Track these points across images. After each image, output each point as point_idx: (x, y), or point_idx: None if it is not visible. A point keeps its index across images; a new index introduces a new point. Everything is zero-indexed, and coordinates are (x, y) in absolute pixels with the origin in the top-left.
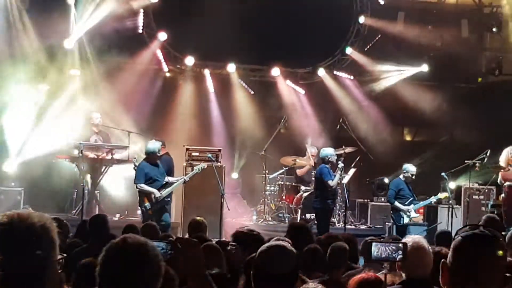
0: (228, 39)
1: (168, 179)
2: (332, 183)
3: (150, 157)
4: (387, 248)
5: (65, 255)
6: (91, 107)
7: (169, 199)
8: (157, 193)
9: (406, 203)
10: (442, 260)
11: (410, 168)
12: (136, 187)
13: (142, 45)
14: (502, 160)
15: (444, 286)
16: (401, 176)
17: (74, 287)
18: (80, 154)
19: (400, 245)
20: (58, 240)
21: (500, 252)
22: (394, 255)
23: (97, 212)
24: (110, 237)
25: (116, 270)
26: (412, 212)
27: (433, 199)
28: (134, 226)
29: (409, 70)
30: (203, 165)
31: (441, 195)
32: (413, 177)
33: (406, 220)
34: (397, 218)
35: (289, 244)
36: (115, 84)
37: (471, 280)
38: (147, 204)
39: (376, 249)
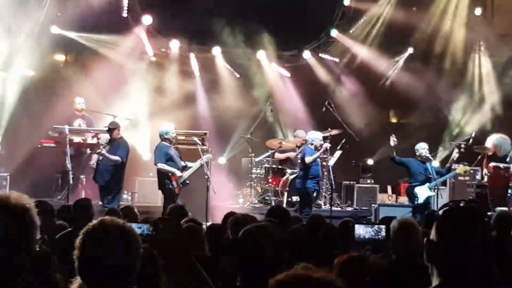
0: (213, 22)
1: (185, 163)
2: (307, 159)
3: (166, 138)
4: (370, 229)
5: (45, 236)
6: (76, 91)
7: (188, 182)
8: (178, 173)
9: (419, 182)
10: (426, 237)
11: (417, 147)
12: (158, 167)
13: (126, 28)
14: (489, 145)
15: (429, 263)
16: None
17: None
18: (65, 139)
19: (383, 226)
20: (38, 221)
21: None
22: (377, 236)
23: (83, 197)
24: None
25: (94, 252)
26: (425, 192)
27: (452, 174)
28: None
29: (401, 58)
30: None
31: (460, 170)
32: (428, 155)
33: (421, 200)
34: (412, 198)
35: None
36: (100, 68)
37: (455, 254)
38: (174, 183)
39: (359, 231)
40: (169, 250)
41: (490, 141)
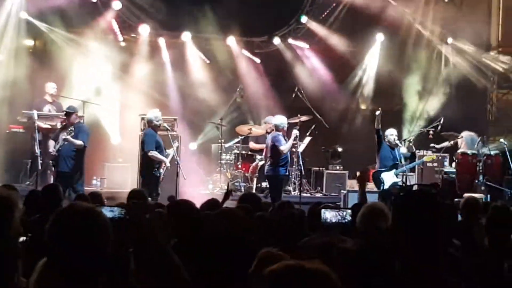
0: (183, 8)
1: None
2: (283, 147)
3: (154, 125)
4: (337, 213)
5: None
6: (45, 77)
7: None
8: (167, 162)
9: (386, 168)
10: (387, 225)
11: (386, 133)
12: (148, 154)
13: (96, 14)
14: (459, 141)
15: (391, 251)
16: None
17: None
18: (34, 124)
19: (349, 210)
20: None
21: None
22: (344, 220)
23: (51, 182)
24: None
25: (63, 236)
26: (392, 178)
27: (419, 162)
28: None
29: (371, 44)
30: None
31: (428, 157)
32: (397, 141)
33: (386, 185)
34: (378, 184)
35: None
36: (69, 53)
37: (411, 236)
38: (161, 170)
39: (326, 215)
40: (140, 233)
41: (462, 137)
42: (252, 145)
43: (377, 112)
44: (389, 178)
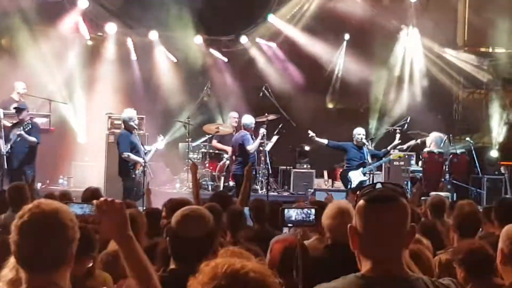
0: (151, 6)
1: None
2: (250, 147)
3: (129, 125)
4: (301, 212)
5: None
6: (11, 76)
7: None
8: (142, 162)
9: (354, 167)
10: (349, 224)
11: (354, 132)
12: (123, 156)
13: (62, 12)
14: (428, 142)
15: (355, 250)
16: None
17: None
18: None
19: (313, 209)
20: None
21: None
22: (308, 218)
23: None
24: None
25: (30, 234)
26: (359, 176)
27: (386, 160)
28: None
29: (338, 44)
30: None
31: (394, 155)
32: (364, 140)
33: (354, 184)
34: (345, 183)
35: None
36: (36, 52)
37: (375, 240)
38: (137, 171)
39: (290, 214)
40: (110, 231)
41: (431, 137)
42: (214, 143)
43: (310, 135)
44: (356, 177)
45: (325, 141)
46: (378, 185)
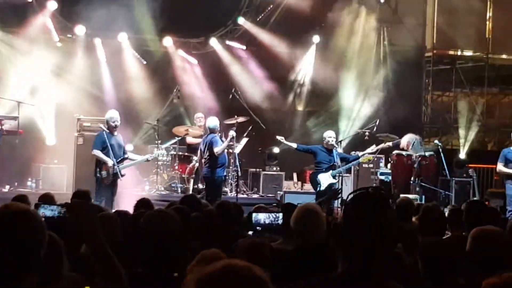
0: (120, 8)
1: (131, 155)
2: (216, 149)
3: (110, 126)
4: (269, 215)
5: None
6: None
7: (124, 174)
8: (110, 163)
9: (323, 169)
10: (334, 223)
11: (324, 135)
12: (92, 153)
13: (31, 14)
14: (403, 143)
15: (336, 248)
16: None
17: None
18: None
19: (280, 213)
20: None
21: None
22: (276, 221)
23: None
24: None
25: None
26: (328, 179)
27: (355, 163)
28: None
29: (307, 46)
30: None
31: (363, 159)
32: (334, 143)
33: (323, 187)
34: (315, 185)
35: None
36: (4, 53)
37: (361, 241)
38: (104, 172)
39: (258, 217)
40: (80, 233)
41: (406, 138)
42: (189, 140)
43: (278, 139)
44: (326, 180)
45: (294, 145)
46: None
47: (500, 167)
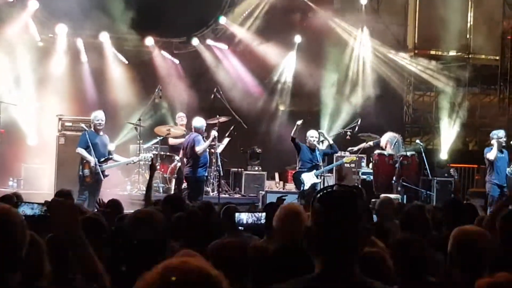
0: (101, 8)
1: (116, 156)
2: (197, 148)
3: (94, 125)
4: (252, 215)
5: None
6: None
7: (108, 174)
8: (92, 162)
9: (306, 169)
10: (305, 225)
11: (307, 134)
12: (76, 151)
13: (13, 13)
14: (383, 141)
15: (309, 252)
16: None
17: None
18: None
19: (263, 213)
20: None
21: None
22: (259, 221)
23: None
24: None
25: None
26: (312, 178)
27: (338, 163)
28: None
29: (289, 46)
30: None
31: (347, 159)
32: (315, 142)
33: (306, 186)
34: (298, 184)
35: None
36: None
37: (331, 241)
38: (86, 170)
39: (241, 216)
40: (61, 231)
41: (386, 137)
42: (171, 141)
43: (299, 122)
44: (309, 179)
45: (295, 134)
46: (335, 187)
47: (490, 156)
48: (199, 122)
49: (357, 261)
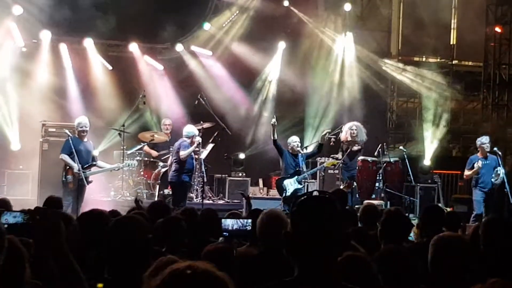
0: (85, 13)
1: (100, 163)
2: (181, 153)
3: (78, 132)
4: (237, 221)
5: None
6: None
7: (91, 180)
8: (75, 168)
9: (289, 175)
10: (284, 230)
11: (289, 140)
12: (59, 157)
13: None
14: (343, 136)
15: (289, 256)
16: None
17: None
18: None
19: (249, 219)
20: None
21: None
22: (245, 227)
23: None
24: None
25: None
26: (294, 184)
27: (320, 168)
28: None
29: (273, 52)
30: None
31: (328, 163)
32: (299, 148)
33: (288, 192)
34: (280, 191)
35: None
36: None
37: (308, 246)
38: (69, 176)
39: (227, 223)
40: (44, 240)
41: (346, 128)
42: (147, 148)
43: (272, 122)
44: (291, 185)
45: (275, 136)
46: (315, 193)
47: (467, 172)
48: (186, 129)
49: (335, 265)
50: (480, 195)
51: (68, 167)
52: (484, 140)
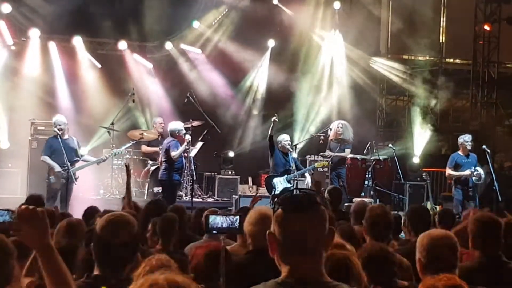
0: (74, 11)
1: (87, 157)
2: (173, 153)
3: (60, 131)
4: (226, 219)
5: None
6: None
7: (78, 176)
8: (56, 168)
9: (278, 173)
10: (268, 231)
11: (280, 138)
12: (41, 158)
13: None
14: (331, 135)
15: (274, 256)
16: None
17: None
18: None
19: (237, 216)
20: None
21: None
22: (233, 225)
23: None
24: None
25: None
26: (283, 183)
27: (310, 168)
28: None
29: (263, 51)
30: (121, 149)
31: (318, 164)
32: (289, 146)
33: (278, 191)
34: (269, 189)
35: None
36: None
37: (292, 247)
38: (51, 177)
39: (215, 221)
40: (30, 238)
41: (334, 126)
42: (144, 148)
43: (273, 118)
44: (281, 184)
45: (272, 132)
46: (295, 192)
47: (449, 171)
48: (172, 125)
49: (322, 263)
50: (460, 194)
51: (50, 167)
52: (466, 139)
